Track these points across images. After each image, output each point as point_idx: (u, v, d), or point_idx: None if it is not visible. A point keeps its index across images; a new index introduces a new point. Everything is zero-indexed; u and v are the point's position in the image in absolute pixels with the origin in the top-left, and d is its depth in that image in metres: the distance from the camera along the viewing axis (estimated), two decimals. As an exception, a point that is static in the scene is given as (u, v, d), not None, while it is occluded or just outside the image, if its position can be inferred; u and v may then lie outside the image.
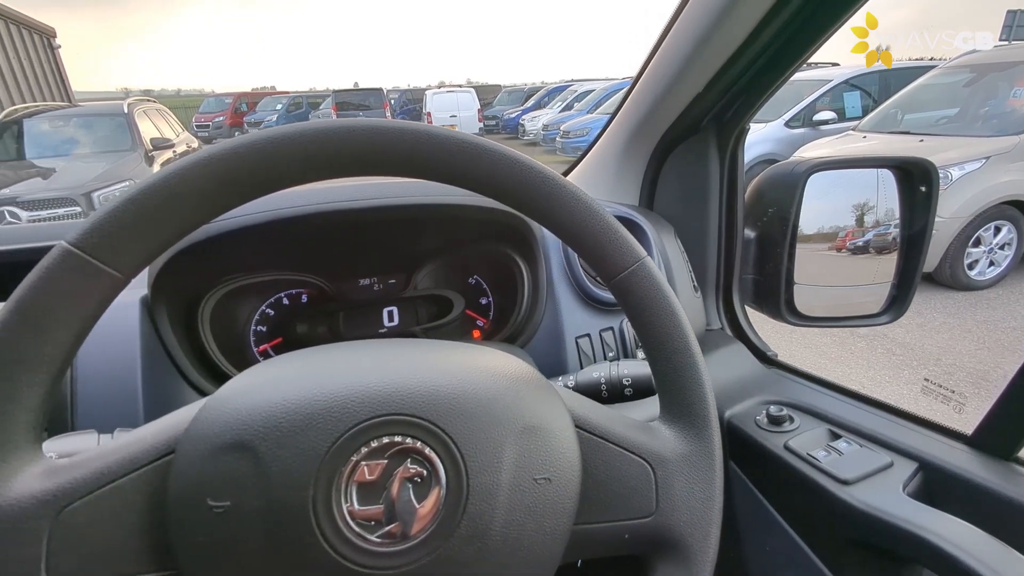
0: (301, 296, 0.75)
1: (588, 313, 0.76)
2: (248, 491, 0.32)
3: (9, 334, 0.31)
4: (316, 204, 0.64)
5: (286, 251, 0.69)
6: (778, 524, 0.66)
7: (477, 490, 0.33)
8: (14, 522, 0.31)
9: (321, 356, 0.39)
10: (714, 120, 0.83)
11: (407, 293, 0.78)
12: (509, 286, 0.79)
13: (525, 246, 0.75)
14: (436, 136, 0.38)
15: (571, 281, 0.76)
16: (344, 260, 0.74)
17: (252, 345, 0.72)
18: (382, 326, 0.78)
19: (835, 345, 3.22)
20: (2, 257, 0.71)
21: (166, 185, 0.34)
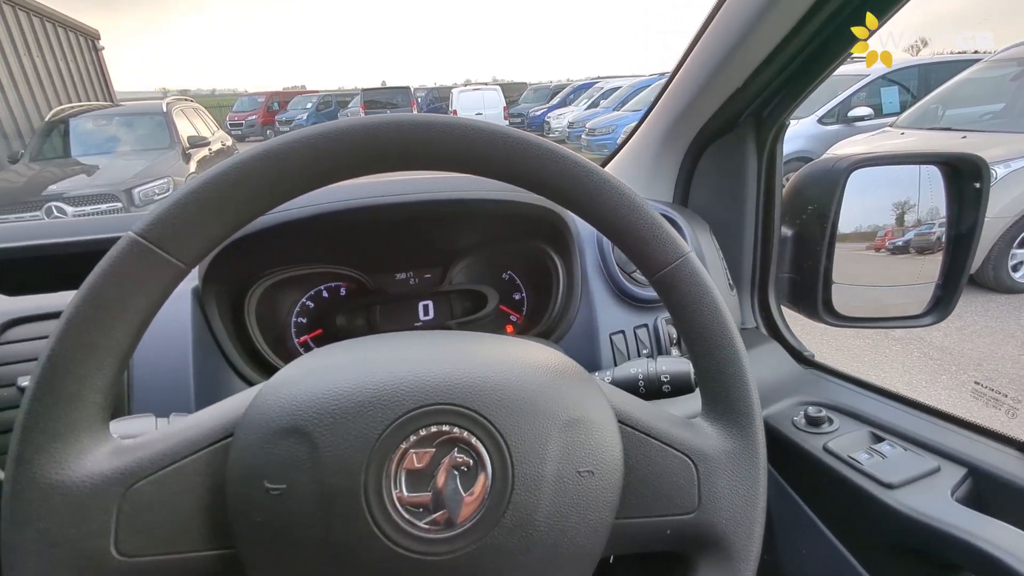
0: (340, 289, 0.77)
1: (623, 309, 0.76)
2: (303, 475, 0.33)
3: (82, 320, 0.33)
4: (358, 199, 0.65)
5: (327, 245, 0.71)
6: (815, 526, 0.65)
7: (522, 480, 0.34)
8: (86, 498, 0.32)
9: (370, 346, 0.40)
10: (752, 116, 0.82)
11: (442, 288, 0.79)
12: (543, 281, 0.79)
13: (560, 241, 0.75)
14: (483, 131, 0.38)
15: (606, 277, 0.76)
16: (382, 254, 0.76)
17: (293, 336, 0.74)
18: (417, 320, 0.79)
19: (868, 348, 3.13)
20: (66, 248, 0.74)
21: (226, 178, 0.35)
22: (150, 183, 4.99)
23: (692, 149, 0.92)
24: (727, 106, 0.79)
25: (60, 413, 0.32)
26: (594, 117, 11.16)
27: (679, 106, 0.86)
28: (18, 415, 0.32)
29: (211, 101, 20.42)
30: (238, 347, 0.64)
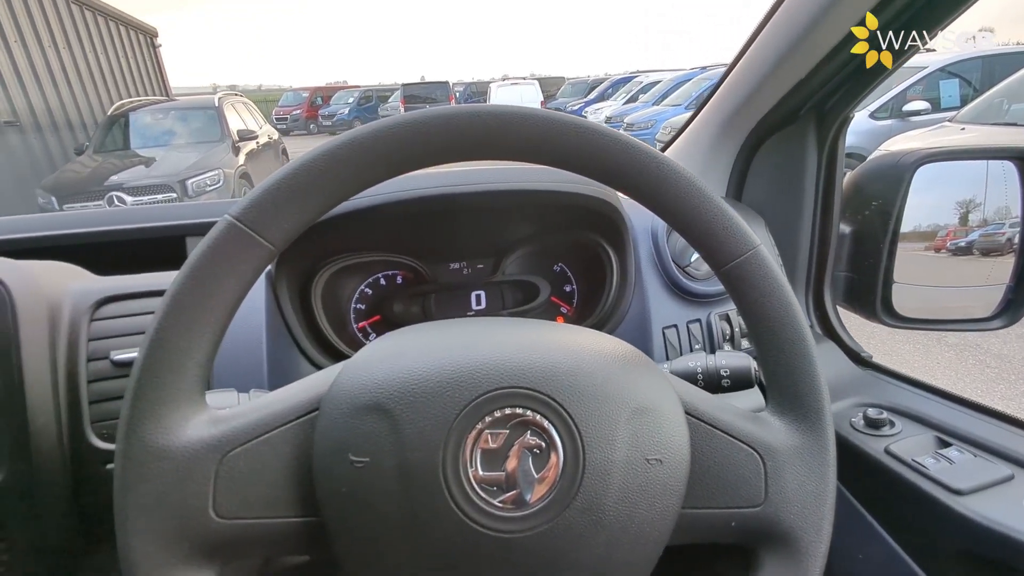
0: (396, 277, 0.79)
1: (676, 304, 0.75)
2: (384, 450, 0.34)
3: (185, 296, 0.36)
4: (420, 189, 0.67)
5: (387, 234, 0.73)
6: (874, 531, 0.63)
7: (593, 465, 0.34)
8: (189, 462, 0.35)
9: (446, 330, 0.42)
10: (814, 108, 0.80)
11: (494, 278, 0.80)
12: (595, 274, 0.80)
13: (614, 234, 0.75)
14: (557, 121, 0.39)
15: (660, 271, 0.76)
16: (438, 244, 0.77)
17: (352, 321, 0.77)
18: (470, 309, 0.81)
19: (918, 353, 2.99)
20: (141, 233, 0.80)
21: (314, 166, 0.38)
22: (202, 174, 5.20)
23: (748, 143, 0.90)
24: (788, 98, 0.78)
25: (166, 382, 0.35)
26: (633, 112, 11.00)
27: (737, 98, 0.85)
28: (128, 383, 0.35)
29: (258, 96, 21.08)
30: (305, 330, 0.67)
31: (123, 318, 0.58)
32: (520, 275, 0.82)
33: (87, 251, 0.74)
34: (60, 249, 0.71)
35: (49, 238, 0.74)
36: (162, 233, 0.81)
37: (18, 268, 0.53)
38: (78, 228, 0.78)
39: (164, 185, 4.98)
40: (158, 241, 0.82)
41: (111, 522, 0.56)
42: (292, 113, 20.07)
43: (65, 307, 0.56)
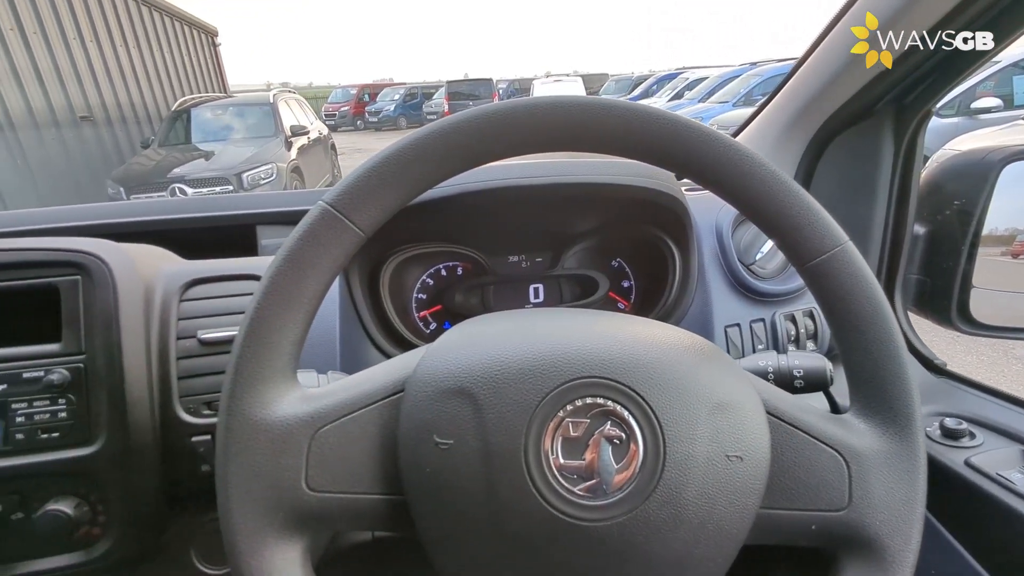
0: (457, 268, 0.80)
1: (740, 302, 0.74)
2: (468, 433, 0.35)
3: (282, 278, 0.38)
4: (489, 180, 0.68)
5: (451, 225, 0.75)
6: (950, 546, 0.60)
7: (673, 458, 0.34)
8: (284, 436, 0.36)
9: (526, 318, 0.42)
10: (893, 102, 0.76)
11: (555, 272, 0.81)
12: (654, 270, 0.79)
13: (678, 229, 0.74)
14: (639, 112, 0.39)
15: (724, 268, 0.75)
16: (499, 236, 0.78)
17: (414, 311, 0.79)
18: (528, 301, 0.82)
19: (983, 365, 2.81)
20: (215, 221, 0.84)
21: (403, 155, 0.39)
22: (257, 168, 5.40)
23: (818, 138, 0.87)
24: (866, 90, 0.74)
25: (264, 359, 0.37)
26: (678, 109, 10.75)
27: (808, 91, 0.82)
28: (229, 360, 0.37)
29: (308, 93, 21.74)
30: (373, 317, 0.69)
31: (209, 299, 0.61)
32: (578, 269, 0.82)
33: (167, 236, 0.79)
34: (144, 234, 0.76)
35: (139, 224, 0.79)
36: (236, 221, 0.86)
37: (119, 250, 0.57)
38: (161, 215, 0.83)
39: (222, 178, 5.20)
40: (232, 228, 0.86)
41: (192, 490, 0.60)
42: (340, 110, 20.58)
43: (158, 287, 0.60)
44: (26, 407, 0.53)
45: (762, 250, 0.78)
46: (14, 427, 0.53)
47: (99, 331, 0.54)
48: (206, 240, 0.76)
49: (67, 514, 0.53)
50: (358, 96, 21.15)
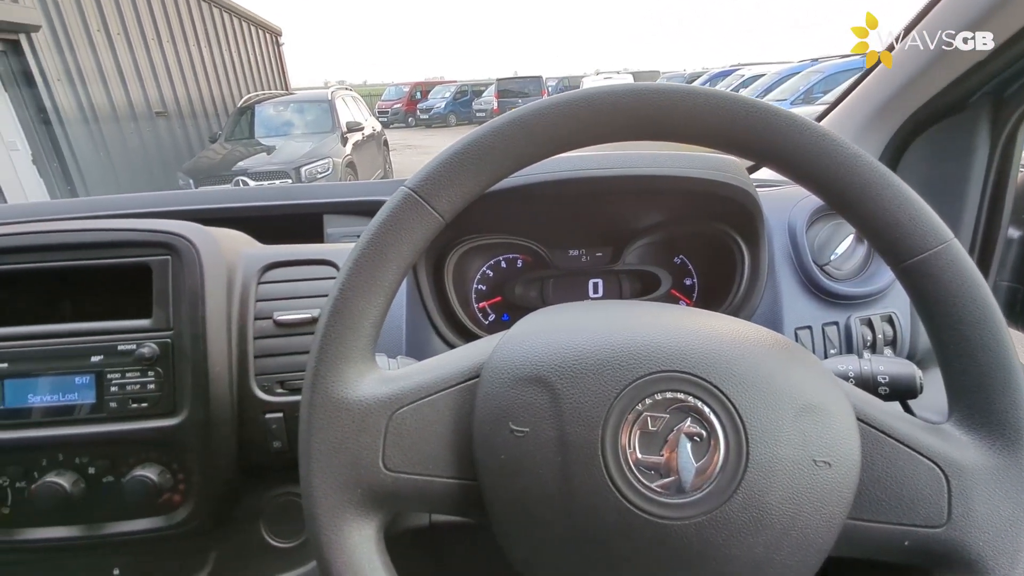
0: (517, 261, 0.80)
1: (812, 304, 0.71)
2: (544, 421, 0.35)
3: (366, 261, 0.38)
4: (559, 171, 0.67)
5: (514, 216, 0.75)
6: None
7: (757, 460, 0.33)
8: (364, 415, 0.37)
9: (603, 309, 0.42)
10: (991, 95, 0.71)
11: (616, 267, 0.80)
12: (719, 268, 0.77)
13: (748, 226, 0.71)
14: (725, 100, 0.37)
15: (796, 267, 0.71)
16: (560, 229, 0.78)
17: (473, 301, 0.79)
18: (587, 296, 0.81)
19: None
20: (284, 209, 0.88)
21: (484, 141, 0.39)
22: (315, 162, 5.61)
23: (902, 132, 0.82)
24: (960, 82, 0.69)
25: (346, 340, 0.38)
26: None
27: (894, 82, 0.77)
28: (314, 339, 0.38)
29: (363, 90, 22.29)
30: (437, 306, 0.70)
31: (284, 283, 0.64)
32: (640, 265, 0.80)
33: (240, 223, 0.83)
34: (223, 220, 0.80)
35: (221, 210, 0.84)
36: (306, 210, 0.89)
37: (206, 233, 0.61)
38: (239, 203, 0.87)
39: (282, 171, 5.42)
40: (301, 216, 0.90)
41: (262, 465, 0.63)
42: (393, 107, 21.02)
43: (239, 269, 0.63)
44: (119, 378, 0.57)
45: (837, 251, 0.74)
46: (108, 396, 0.57)
47: (186, 309, 0.57)
48: (276, 227, 0.79)
49: (152, 480, 0.56)
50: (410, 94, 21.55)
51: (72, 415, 0.57)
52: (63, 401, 0.57)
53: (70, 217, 0.79)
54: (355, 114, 7.07)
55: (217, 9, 8.28)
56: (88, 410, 0.56)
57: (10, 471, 0.57)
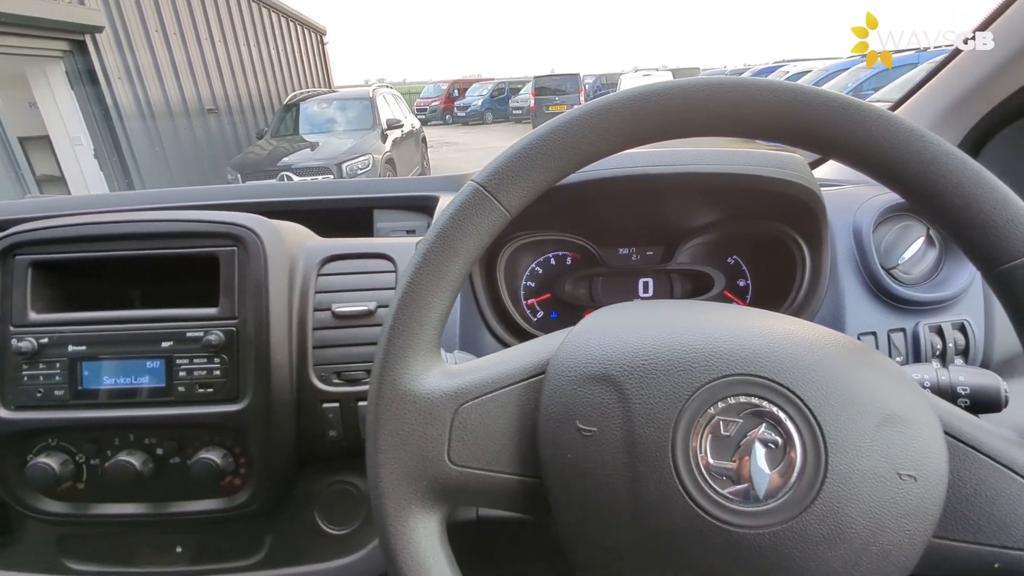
0: (566, 258, 0.80)
1: (877, 309, 0.68)
2: (613, 421, 0.34)
3: (434, 256, 0.39)
4: (616, 168, 0.66)
5: (566, 213, 0.74)
6: None
7: (836, 471, 0.31)
8: (430, 408, 0.37)
9: (670, 308, 0.41)
10: None
11: (666, 266, 0.78)
12: (775, 269, 0.74)
13: (810, 225, 0.69)
14: (802, 93, 0.36)
15: (860, 270, 0.69)
16: (611, 227, 0.77)
17: (522, 298, 0.79)
18: (636, 295, 0.80)
19: None
20: (335, 204, 0.89)
21: (553, 136, 0.38)
22: (356, 159, 5.73)
23: (974, 133, 0.77)
24: None
25: (414, 333, 0.38)
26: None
27: (967, 79, 0.73)
28: (382, 331, 0.39)
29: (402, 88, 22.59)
30: (489, 301, 0.71)
31: (342, 275, 0.65)
32: (692, 265, 0.78)
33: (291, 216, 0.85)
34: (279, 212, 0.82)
35: (279, 203, 0.86)
36: (357, 204, 0.91)
37: (270, 225, 0.62)
38: (295, 196, 0.89)
39: (324, 167, 5.55)
40: (351, 211, 0.92)
41: (318, 452, 0.64)
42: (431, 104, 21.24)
43: (300, 261, 0.65)
44: (187, 363, 0.59)
45: (905, 254, 0.70)
46: (177, 380, 0.59)
47: (250, 298, 0.59)
48: (324, 221, 0.80)
49: (216, 463, 0.58)
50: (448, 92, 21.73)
51: (143, 398, 0.59)
52: (135, 384, 0.59)
53: (137, 208, 0.82)
54: (395, 111, 7.18)
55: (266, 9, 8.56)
56: (158, 393, 0.59)
57: (85, 449, 0.60)
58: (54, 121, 5.39)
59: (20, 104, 5.26)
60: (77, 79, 5.34)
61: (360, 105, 6.65)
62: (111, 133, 5.64)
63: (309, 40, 10.58)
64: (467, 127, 19.41)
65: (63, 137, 5.45)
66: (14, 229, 0.61)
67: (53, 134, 5.45)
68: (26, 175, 4.42)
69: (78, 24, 5.18)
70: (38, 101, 5.35)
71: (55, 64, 5.21)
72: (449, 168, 8.36)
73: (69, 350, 0.59)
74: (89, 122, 5.48)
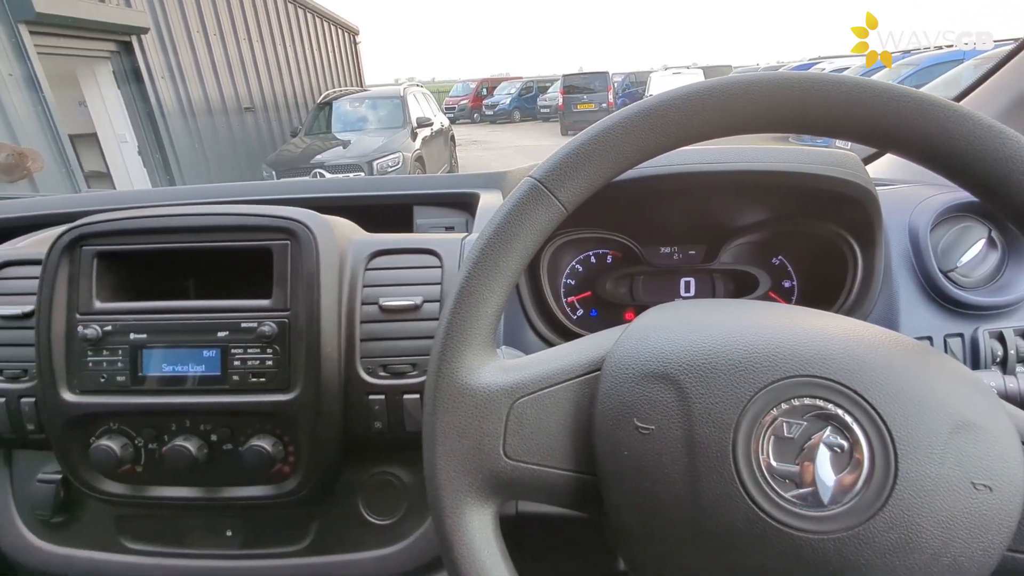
0: (606, 256, 0.79)
1: (934, 313, 0.65)
2: (672, 420, 0.34)
3: (492, 250, 0.39)
4: (668, 166, 0.65)
5: (609, 211, 0.74)
6: None
7: (907, 478, 0.31)
8: (487, 402, 0.38)
9: (732, 308, 0.40)
10: None
11: (709, 265, 0.77)
12: (823, 270, 0.72)
13: (864, 226, 0.67)
14: (872, 88, 0.35)
15: (916, 272, 0.66)
16: (654, 225, 0.76)
17: (562, 296, 0.79)
18: (678, 295, 0.79)
19: None
20: (376, 200, 0.91)
21: (611, 133, 0.38)
22: (386, 156, 5.81)
23: None
24: None
25: (470, 327, 0.38)
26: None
27: None
28: (439, 325, 0.39)
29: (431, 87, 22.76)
30: (532, 299, 0.71)
31: (389, 270, 0.66)
32: (735, 265, 0.77)
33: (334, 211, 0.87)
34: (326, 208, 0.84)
35: (326, 199, 0.88)
36: (399, 201, 0.92)
37: (322, 219, 0.64)
38: (340, 192, 0.91)
39: (356, 165, 5.65)
40: (389, 207, 0.93)
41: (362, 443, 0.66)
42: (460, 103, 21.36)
43: (349, 255, 0.66)
44: (242, 353, 0.61)
45: (964, 256, 0.68)
46: (231, 369, 0.61)
47: (302, 291, 0.61)
48: (364, 216, 0.81)
49: (267, 450, 0.60)
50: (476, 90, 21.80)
51: (199, 385, 0.61)
52: (192, 372, 0.61)
53: (190, 203, 0.85)
54: (425, 110, 7.25)
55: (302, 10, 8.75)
56: (213, 381, 0.61)
57: (144, 433, 0.63)
58: (101, 119, 5.63)
59: (71, 103, 5.49)
60: (123, 78, 5.56)
61: (391, 104, 6.74)
62: (154, 131, 5.86)
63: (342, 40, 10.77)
64: (495, 126, 19.45)
65: (109, 134, 5.68)
66: (81, 221, 0.64)
67: (100, 132, 5.69)
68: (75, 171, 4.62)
69: (125, 26, 5.38)
70: (87, 100, 5.60)
71: (103, 64, 5.43)
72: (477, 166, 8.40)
73: (131, 338, 0.62)
74: (134, 120, 5.71)
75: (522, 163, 0.99)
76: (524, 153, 10.43)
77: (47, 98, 4.35)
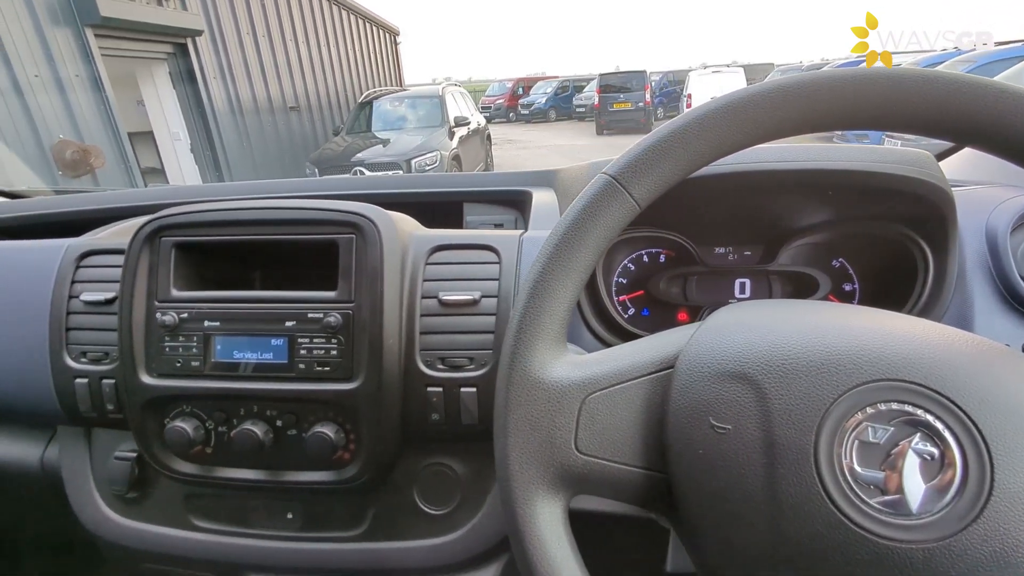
0: (659, 256, 0.79)
1: (1013, 320, 0.62)
2: (749, 420, 0.34)
3: (566, 245, 0.39)
4: (737, 164, 0.64)
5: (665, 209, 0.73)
6: None
7: (1004, 488, 0.30)
8: (559, 396, 0.38)
9: (803, 308, 0.40)
10: None
11: (766, 266, 0.75)
12: (887, 273, 0.70)
13: (937, 228, 0.64)
14: (962, 83, 0.34)
15: (993, 276, 0.63)
16: (709, 225, 0.75)
17: (614, 294, 0.79)
18: (732, 297, 0.78)
19: None
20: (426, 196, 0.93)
21: (688, 130, 0.38)
22: (424, 155, 5.89)
23: None
24: None
25: (543, 320, 0.39)
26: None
27: None
28: (512, 318, 0.40)
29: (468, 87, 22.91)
30: (587, 297, 0.71)
31: (448, 265, 0.68)
32: (793, 266, 0.75)
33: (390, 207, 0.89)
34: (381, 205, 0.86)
35: (386, 195, 0.91)
36: (451, 198, 0.94)
37: (385, 215, 0.66)
38: (396, 189, 0.93)
39: (394, 163, 5.75)
40: (445, 204, 0.95)
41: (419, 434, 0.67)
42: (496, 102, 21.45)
43: (411, 250, 0.68)
44: (308, 342, 0.63)
45: (1046, 261, 0.64)
46: (298, 358, 0.63)
47: (366, 284, 0.62)
48: (416, 212, 0.83)
49: (329, 437, 0.62)
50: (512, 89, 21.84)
51: (267, 372, 0.64)
52: (260, 359, 0.64)
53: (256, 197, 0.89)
54: (462, 109, 7.32)
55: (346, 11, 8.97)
56: (280, 369, 0.64)
57: (215, 416, 0.66)
58: (157, 117, 5.91)
59: (129, 102, 5.78)
60: (178, 79, 5.81)
61: (430, 103, 6.83)
62: (205, 129, 6.10)
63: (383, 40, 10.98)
64: (530, 125, 19.44)
65: (164, 132, 5.96)
66: (160, 213, 0.67)
67: (156, 129, 5.97)
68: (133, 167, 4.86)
69: (182, 28, 5.63)
70: (144, 99, 5.88)
71: (160, 65, 5.69)
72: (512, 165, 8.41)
73: (204, 325, 0.65)
74: (187, 118, 5.96)
75: (558, 162, 0.99)
76: (559, 152, 10.39)
77: (109, 98, 4.59)
